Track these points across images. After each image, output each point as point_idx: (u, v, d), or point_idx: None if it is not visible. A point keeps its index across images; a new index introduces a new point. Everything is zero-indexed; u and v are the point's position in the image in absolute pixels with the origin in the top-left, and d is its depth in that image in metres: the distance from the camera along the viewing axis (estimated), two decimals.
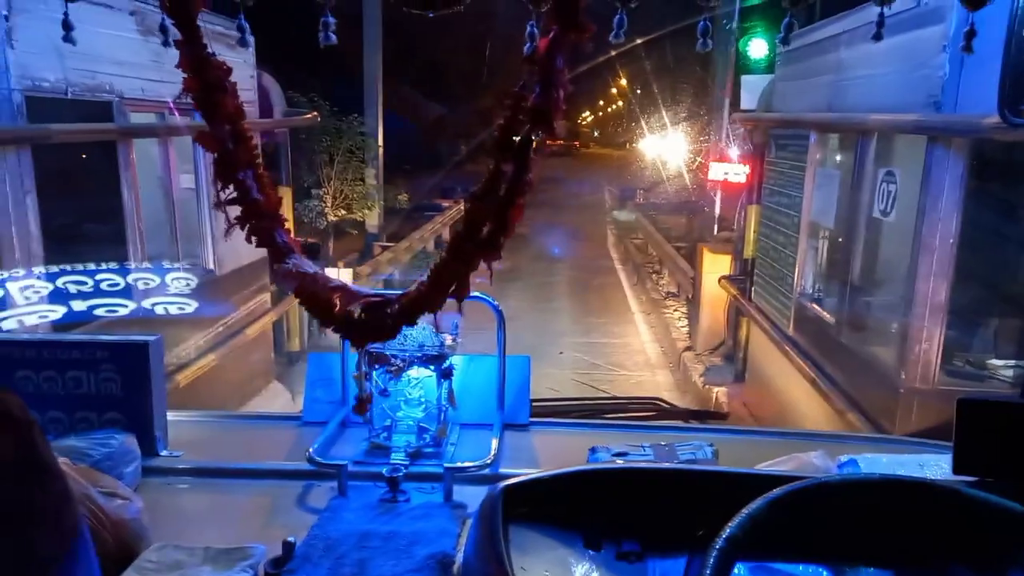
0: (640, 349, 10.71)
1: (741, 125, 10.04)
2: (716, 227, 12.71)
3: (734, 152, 11.63)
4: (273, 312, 7.13)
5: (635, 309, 13.47)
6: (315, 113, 9.56)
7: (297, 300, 1.43)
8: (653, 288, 14.81)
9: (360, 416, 1.74)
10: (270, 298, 7.00)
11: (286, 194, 7.73)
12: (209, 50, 1.27)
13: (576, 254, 18.35)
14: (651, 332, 11.63)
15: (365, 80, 13.13)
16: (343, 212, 13.03)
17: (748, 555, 1.09)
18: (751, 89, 9.71)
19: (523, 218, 1.25)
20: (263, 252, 1.43)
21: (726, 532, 0.97)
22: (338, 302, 1.39)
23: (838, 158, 5.84)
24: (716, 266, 9.79)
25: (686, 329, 11.22)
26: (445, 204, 18.51)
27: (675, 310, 12.76)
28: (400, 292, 1.41)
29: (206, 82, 1.28)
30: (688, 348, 9.89)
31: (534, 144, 1.19)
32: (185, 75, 1.28)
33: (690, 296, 11.52)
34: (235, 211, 1.37)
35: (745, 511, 1.00)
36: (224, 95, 1.31)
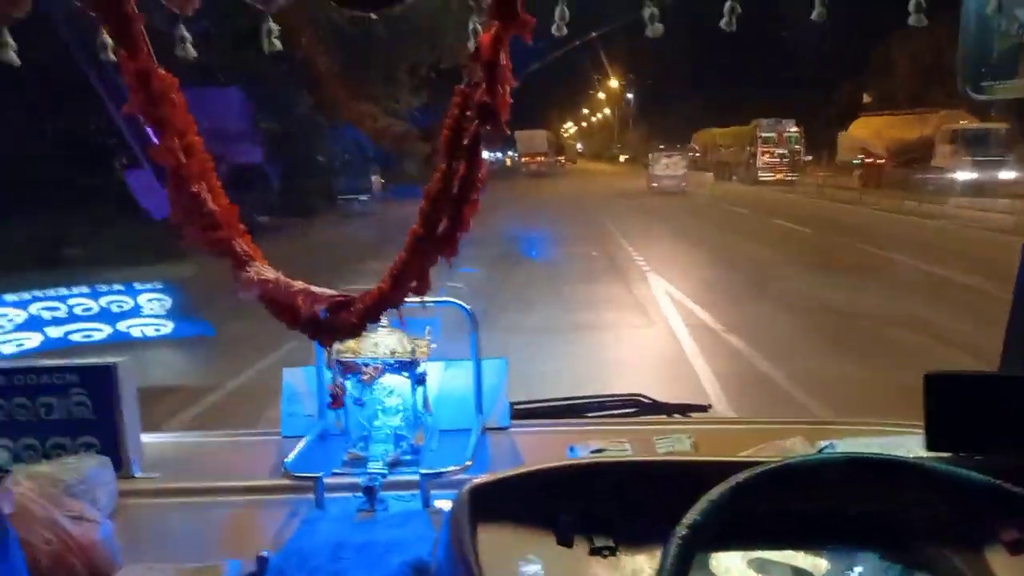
0: None
1: None
2: None
3: None
4: None
5: None
6: None
7: (264, 306, 1.46)
8: None
9: (337, 410, 1.79)
10: None
11: None
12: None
13: None
14: None
15: None
16: None
17: (716, 543, 1.08)
18: None
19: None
20: None
21: (688, 519, 0.96)
22: (302, 304, 1.41)
23: None
24: None
25: None
26: None
27: None
28: (363, 291, 1.44)
29: (151, 95, 1.28)
30: None
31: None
32: (130, 89, 1.28)
33: None
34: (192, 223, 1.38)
35: (707, 497, 0.99)
36: (172, 108, 1.32)
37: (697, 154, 44.09)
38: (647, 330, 9.43)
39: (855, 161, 32.79)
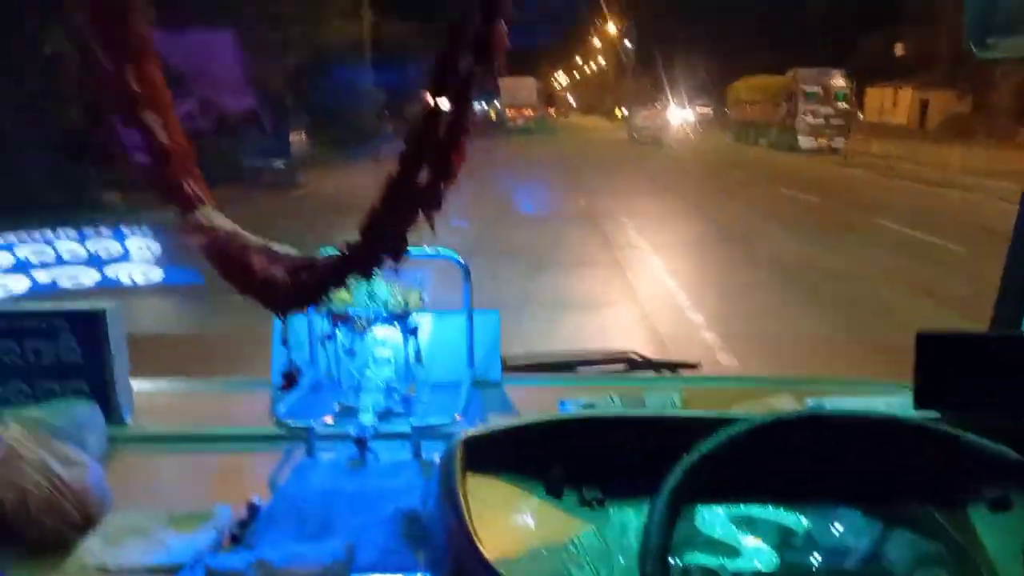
0: None
1: None
2: None
3: None
4: None
5: None
6: None
7: (209, 262, 1.28)
8: None
9: (287, 392, 1.68)
10: None
11: None
12: None
13: None
14: None
15: None
16: None
17: (703, 497, 1.09)
18: None
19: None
20: None
21: (676, 473, 0.97)
22: (257, 264, 1.26)
23: None
24: None
25: None
26: None
27: None
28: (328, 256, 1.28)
29: (109, 7, 1.17)
30: None
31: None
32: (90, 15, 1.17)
33: None
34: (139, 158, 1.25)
35: (695, 452, 0.99)
36: (126, 25, 1.20)
37: (726, 111, 40.69)
38: None
39: None
